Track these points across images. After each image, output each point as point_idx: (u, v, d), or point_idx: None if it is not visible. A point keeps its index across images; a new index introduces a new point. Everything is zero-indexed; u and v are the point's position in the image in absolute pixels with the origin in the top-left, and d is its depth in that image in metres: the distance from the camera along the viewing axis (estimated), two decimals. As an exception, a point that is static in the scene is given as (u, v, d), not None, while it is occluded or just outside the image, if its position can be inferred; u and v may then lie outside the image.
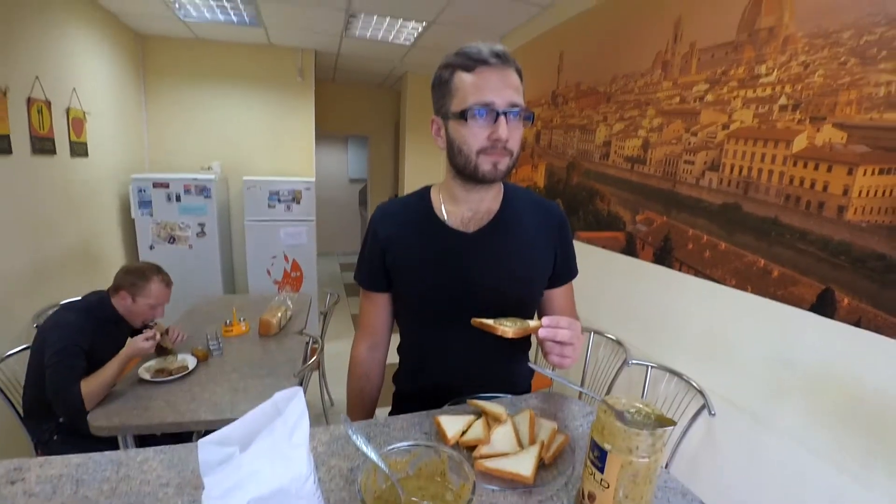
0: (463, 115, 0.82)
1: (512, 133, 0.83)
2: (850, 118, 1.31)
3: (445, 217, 0.95)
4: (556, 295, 1.02)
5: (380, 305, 1.03)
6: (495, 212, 0.96)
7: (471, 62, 0.82)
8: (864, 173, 1.27)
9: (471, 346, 0.96)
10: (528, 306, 1.00)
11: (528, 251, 0.96)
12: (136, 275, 1.82)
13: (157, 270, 1.89)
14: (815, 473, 1.36)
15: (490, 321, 0.77)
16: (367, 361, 1.06)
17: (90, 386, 1.58)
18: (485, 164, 0.85)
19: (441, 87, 0.87)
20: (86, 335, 1.67)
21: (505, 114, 0.81)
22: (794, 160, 1.45)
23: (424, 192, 1.01)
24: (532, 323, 0.77)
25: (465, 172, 0.88)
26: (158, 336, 1.76)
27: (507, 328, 0.75)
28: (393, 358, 1.10)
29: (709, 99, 1.76)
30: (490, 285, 0.93)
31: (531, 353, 1.10)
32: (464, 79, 0.83)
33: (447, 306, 0.94)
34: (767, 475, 1.50)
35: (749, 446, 1.57)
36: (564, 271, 1.02)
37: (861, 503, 1.24)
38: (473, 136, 0.83)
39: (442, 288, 0.93)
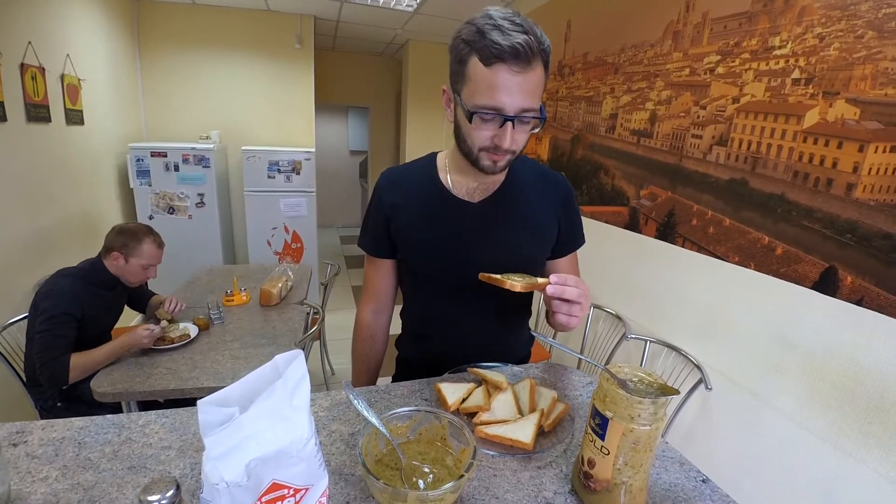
0: (468, 114, 0.77)
1: (518, 136, 0.79)
2: (864, 93, 1.27)
3: (451, 186, 0.94)
4: (560, 264, 1.02)
5: (384, 271, 1.03)
6: (500, 182, 0.95)
7: (489, 55, 0.73)
8: (876, 150, 1.25)
9: (473, 313, 0.97)
10: (531, 272, 1.00)
11: (532, 221, 0.95)
12: (128, 235, 1.79)
13: (149, 231, 1.86)
14: (811, 452, 1.37)
15: (498, 276, 0.77)
16: (371, 325, 1.07)
17: (80, 361, 1.58)
18: (484, 160, 0.83)
19: (457, 63, 0.80)
20: (79, 302, 1.66)
21: (513, 119, 0.76)
22: (805, 136, 1.42)
23: (430, 159, 1.00)
24: (540, 280, 0.76)
25: (466, 159, 0.86)
26: (159, 332, 1.73)
27: (516, 282, 0.74)
28: (395, 324, 1.11)
29: (720, 71, 1.71)
30: (493, 255, 0.93)
31: (532, 322, 1.10)
32: (478, 70, 0.75)
33: (450, 275, 0.94)
34: (763, 451, 1.52)
35: (745, 422, 1.59)
36: (569, 241, 1.01)
37: (855, 483, 1.26)
38: (477, 133, 0.80)
39: (446, 257, 0.93)
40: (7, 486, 0.57)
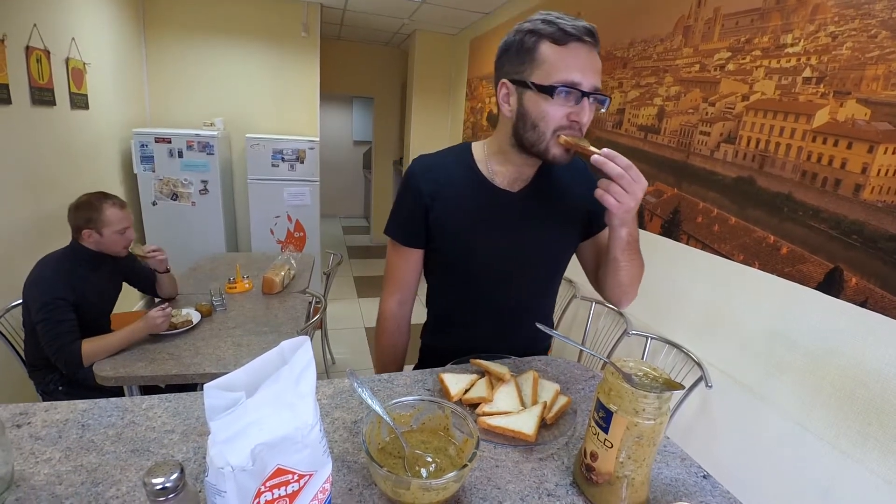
0: (547, 91, 0.79)
1: (590, 116, 0.82)
2: (875, 94, 1.26)
3: (492, 177, 0.95)
4: (603, 236, 1.02)
5: (412, 261, 1.02)
6: (535, 171, 0.97)
7: (563, 35, 0.78)
8: (885, 152, 1.24)
9: (506, 303, 0.99)
10: (564, 261, 1.04)
11: (567, 209, 0.98)
12: (88, 209, 1.74)
13: (105, 196, 1.79)
14: (810, 451, 1.37)
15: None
16: (398, 316, 1.06)
17: (93, 346, 1.58)
18: (556, 147, 0.83)
19: (522, 54, 0.82)
20: (67, 286, 1.63)
21: (589, 95, 0.79)
22: (814, 135, 1.41)
23: (465, 148, 0.99)
24: (591, 146, 0.77)
25: (532, 149, 0.86)
26: (172, 312, 1.74)
27: (563, 135, 0.80)
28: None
29: (730, 68, 1.70)
30: (533, 243, 0.96)
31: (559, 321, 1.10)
32: (553, 51, 0.79)
33: (490, 264, 0.95)
34: (762, 449, 1.53)
35: (745, 421, 1.59)
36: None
37: (854, 483, 1.27)
38: (554, 112, 0.81)
39: (488, 247, 0.95)
40: (10, 466, 0.58)
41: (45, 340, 1.56)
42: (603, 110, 0.85)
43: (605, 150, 0.74)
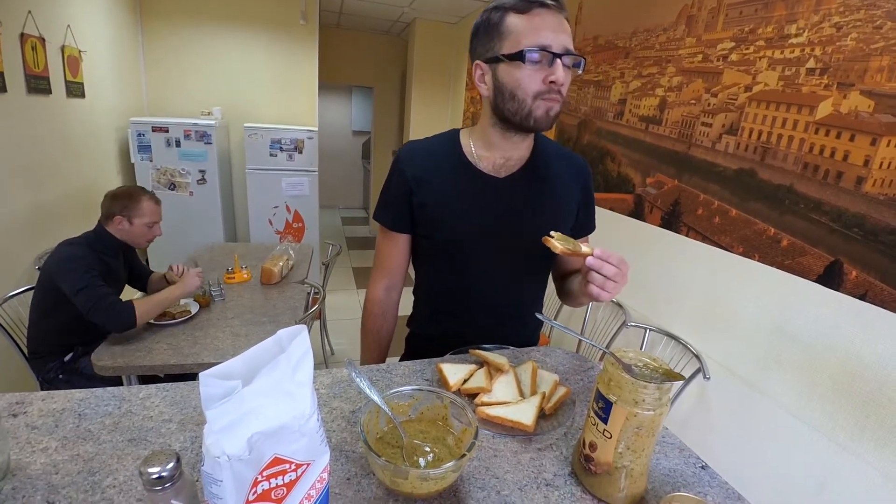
0: (518, 57, 0.79)
1: (565, 78, 0.81)
2: (879, 86, 1.25)
3: (476, 161, 0.94)
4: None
5: (400, 246, 1.02)
6: (525, 160, 0.95)
7: (526, 4, 0.79)
8: (888, 144, 1.23)
9: (492, 291, 0.98)
10: (551, 254, 1.01)
11: (555, 200, 0.96)
12: (126, 198, 1.82)
13: (143, 190, 1.90)
14: (806, 444, 1.38)
15: (550, 236, 0.77)
16: (384, 301, 1.06)
17: (143, 303, 1.64)
18: (539, 109, 0.82)
19: (489, 31, 0.83)
20: (95, 260, 1.70)
21: (560, 57, 0.79)
22: (816, 127, 1.40)
23: (453, 135, 0.99)
24: (584, 248, 0.75)
25: (514, 119, 0.85)
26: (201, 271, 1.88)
27: (557, 244, 0.74)
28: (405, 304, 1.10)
29: (733, 58, 1.68)
30: (518, 230, 0.94)
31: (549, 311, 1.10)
32: (518, 20, 0.80)
33: (475, 250, 0.94)
34: (758, 442, 1.53)
35: (742, 413, 1.59)
36: (583, 227, 1.03)
37: (849, 476, 1.27)
38: (529, 78, 0.80)
39: (472, 231, 0.93)
40: (6, 455, 0.57)
41: (91, 304, 1.57)
42: (579, 72, 0.84)
43: (596, 251, 0.75)
